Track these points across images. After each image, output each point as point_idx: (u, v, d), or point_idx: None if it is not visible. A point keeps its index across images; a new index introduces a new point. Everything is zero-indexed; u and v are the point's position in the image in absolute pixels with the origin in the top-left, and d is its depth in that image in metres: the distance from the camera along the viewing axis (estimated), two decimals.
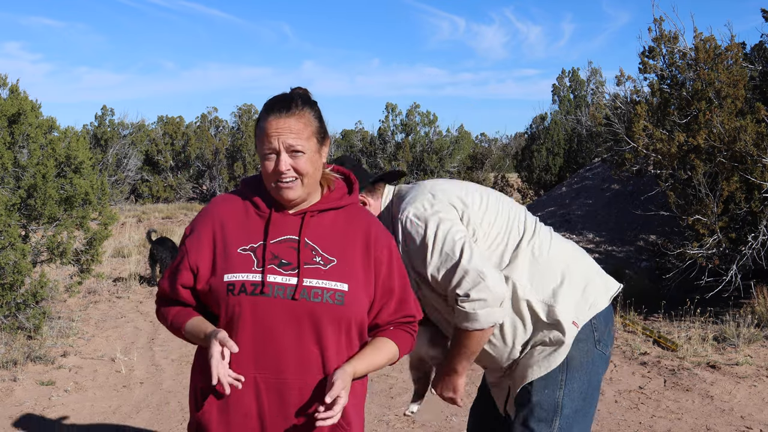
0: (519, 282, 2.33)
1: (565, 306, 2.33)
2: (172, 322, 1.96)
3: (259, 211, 1.96)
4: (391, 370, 5.57)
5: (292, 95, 1.95)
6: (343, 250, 1.94)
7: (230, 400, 1.87)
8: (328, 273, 1.89)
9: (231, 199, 2.02)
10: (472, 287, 2.18)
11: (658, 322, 6.89)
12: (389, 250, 2.00)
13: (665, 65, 7.76)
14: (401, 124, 20.01)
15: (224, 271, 1.88)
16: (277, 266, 1.88)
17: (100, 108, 19.81)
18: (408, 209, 2.30)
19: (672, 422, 4.54)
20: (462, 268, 2.20)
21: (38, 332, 6.16)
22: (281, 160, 1.87)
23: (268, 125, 1.88)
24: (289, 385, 1.86)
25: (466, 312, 2.20)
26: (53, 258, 6.31)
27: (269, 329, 1.85)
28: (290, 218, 1.95)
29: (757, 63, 7.87)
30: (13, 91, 6.58)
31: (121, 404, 4.89)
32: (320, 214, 1.97)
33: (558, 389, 2.36)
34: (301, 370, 1.86)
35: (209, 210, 2.00)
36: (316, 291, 1.86)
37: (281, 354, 1.86)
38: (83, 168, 6.55)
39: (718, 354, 5.85)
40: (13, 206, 5.87)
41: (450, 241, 2.23)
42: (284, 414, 1.87)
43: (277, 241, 1.92)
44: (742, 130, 6.44)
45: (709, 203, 6.68)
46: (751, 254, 6.77)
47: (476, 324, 2.22)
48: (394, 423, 4.57)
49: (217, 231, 1.94)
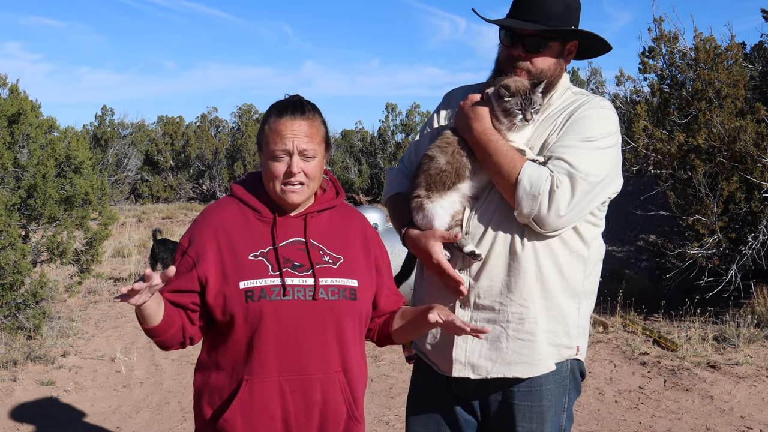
0: (598, 248, 2.20)
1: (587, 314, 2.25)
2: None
3: (261, 215, 1.98)
4: (391, 370, 5.58)
5: (302, 100, 1.98)
6: (345, 248, 2.01)
7: (255, 405, 1.88)
8: (339, 271, 1.96)
9: (226, 205, 2.02)
10: (575, 185, 2.00)
11: (658, 322, 6.89)
12: (381, 247, 2.13)
13: (665, 65, 7.76)
14: (401, 124, 20.01)
15: (238, 278, 1.89)
16: (291, 269, 1.91)
17: (100, 108, 19.83)
18: (608, 104, 2.20)
19: (672, 422, 4.54)
20: (591, 169, 2.02)
21: (38, 332, 6.16)
22: (294, 162, 1.90)
23: (282, 126, 1.90)
24: (312, 383, 1.90)
25: (548, 178, 1.99)
26: (53, 258, 6.31)
27: (292, 331, 1.88)
28: (292, 221, 1.99)
29: (757, 63, 7.87)
30: (13, 91, 6.58)
31: (121, 404, 4.89)
32: (318, 214, 2.02)
33: (561, 413, 2.22)
34: (322, 366, 1.91)
35: (206, 219, 1.99)
36: (333, 289, 1.93)
37: (304, 354, 1.89)
38: (83, 168, 6.55)
39: (718, 354, 5.85)
40: (13, 206, 5.87)
41: (611, 151, 2.11)
42: (308, 412, 1.91)
43: (285, 244, 1.95)
44: (742, 130, 6.44)
45: (709, 203, 6.67)
46: (751, 254, 6.77)
47: (542, 196, 1.98)
48: (394, 423, 4.57)
49: (220, 239, 1.93)
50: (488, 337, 2.12)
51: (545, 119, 2.17)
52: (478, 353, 2.14)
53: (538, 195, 1.98)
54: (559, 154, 2.03)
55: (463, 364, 2.16)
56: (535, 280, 2.09)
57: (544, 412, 2.16)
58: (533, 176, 1.99)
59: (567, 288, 2.14)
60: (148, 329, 1.88)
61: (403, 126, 19.96)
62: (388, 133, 20.12)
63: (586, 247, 2.15)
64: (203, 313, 1.94)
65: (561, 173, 2.00)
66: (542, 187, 1.98)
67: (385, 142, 20.02)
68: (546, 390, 2.16)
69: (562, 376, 2.19)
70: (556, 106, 2.19)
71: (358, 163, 19.88)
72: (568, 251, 2.12)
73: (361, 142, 21.10)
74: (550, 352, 2.15)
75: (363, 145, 20.80)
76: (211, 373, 1.96)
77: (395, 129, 20.12)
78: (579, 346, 2.21)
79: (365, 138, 21.20)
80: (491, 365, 2.13)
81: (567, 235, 2.10)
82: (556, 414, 2.19)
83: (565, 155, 2.02)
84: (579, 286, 2.17)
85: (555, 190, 1.98)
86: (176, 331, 1.92)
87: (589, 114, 2.12)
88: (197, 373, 2.02)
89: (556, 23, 2.12)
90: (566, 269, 2.13)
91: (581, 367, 2.27)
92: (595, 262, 2.22)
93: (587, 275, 2.18)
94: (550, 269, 2.10)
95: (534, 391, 2.16)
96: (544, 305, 2.12)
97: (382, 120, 20.28)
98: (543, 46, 2.13)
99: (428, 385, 2.30)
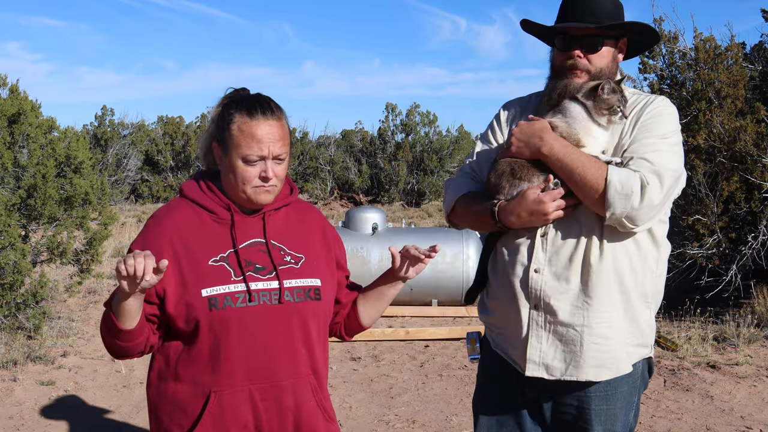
0: (665, 244, 2.23)
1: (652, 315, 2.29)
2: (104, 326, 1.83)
3: (217, 217, 1.88)
4: (391, 370, 5.58)
5: (268, 99, 1.89)
6: (305, 246, 1.95)
7: (226, 416, 1.81)
8: (301, 271, 1.90)
9: (177, 208, 1.91)
10: (662, 180, 2.02)
11: (658, 322, 6.89)
12: (340, 243, 2.10)
13: (665, 65, 7.76)
14: (401, 124, 19.99)
15: (200, 285, 1.80)
16: (254, 272, 1.84)
17: (100, 108, 19.82)
18: (669, 101, 2.27)
19: (672, 422, 4.54)
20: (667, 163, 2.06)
21: (38, 332, 6.16)
22: (269, 167, 1.83)
23: (256, 129, 1.81)
24: (283, 389, 1.85)
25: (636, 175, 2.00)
26: (53, 258, 6.30)
27: (260, 337, 1.82)
28: (250, 221, 1.90)
29: (757, 63, 7.87)
30: (13, 91, 6.58)
31: (121, 404, 4.89)
32: (275, 212, 1.94)
33: (631, 411, 2.24)
34: (292, 371, 1.86)
35: (159, 224, 1.88)
36: (298, 291, 1.87)
37: (273, 359, 1.83)
38: (83, 168, 6.55)
39: (718, 354, 5.85)
40: (13, 206, 5.87)
41: (680, 147, 2.17)
42: (281, 418, 1.86)
43: (244, 246, 1.87)
44: (742, 130, 6.44)
45: (709, 203, 6.67)
46: (751, 254, 6.77)
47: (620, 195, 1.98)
48: (394, 423, 4.57)
49: (176, 245, 1.83)
50: (563, 339, 2.13)
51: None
52: (552, 355, 2.14)
53: (630, 194, 1.98)
54: (641, 154, 2.06)
55: (537, 364, 2.15)
56: (613, 283, 2.11)
57: (618, 413, 2.17)
58: (622, 177, 2.00)
59: (641, 288, 2.16)
60: (121, 332, 1.76)
61: (403, 126, 19.94)
62: (388, 133, 20.11)
63: (657, 245, 2.18)
64: (161, 324, 1.86)
65: (647, 171, 2.01)
66: (633, 186, 1.98)
67: (385, 142, 20.01)
68: (620, 392, 2.17)
69: (635, 377, 2.20)
70: None
71: (358, 163, 19.87)
72: (641, 251, 2.14)
73: (361, 142, 21.08)
74: (627, 353, 2.15)
75: (363, 145, 20.78)
76: (168, 386, 1.86)
77: (395, 129, 20.10)
78: (652, 345, 2.25)
79: (365, 138, 21.18)
80: (564, 367, 2.13)
81: (640, 236, 2.13)
82: (627, 414, 2.20)
83: (648, 155, 2.05)
84: (650, 286, 2.19)
85: (646, 186, 1.99)
86: (144, 338, 1.82)
87: (659, 112, 2.16)
88: (150, 387, 1.90)
89: (608, 21, 2.17)
90: (639, 269, 2.15)
91: (650, 363, 2.29)
92: (664, 261, 2.25)
93: (657, 274, 2.21)
94: (627, 271, 2.12)
95: (610, 394, 2.16)
96: (622, 308, 2.13)
97: (382, 120, 20.28)
98: (600, 44, 2.17)
99: (496, 386, 2.30)
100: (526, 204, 2.09)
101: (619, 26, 2.18)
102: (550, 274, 2.12)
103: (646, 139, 2.10)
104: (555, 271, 2.12)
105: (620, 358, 2.14)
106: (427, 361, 5.83)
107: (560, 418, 2.21)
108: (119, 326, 1.76)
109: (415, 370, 5.62)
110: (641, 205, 1.99)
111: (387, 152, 19.65)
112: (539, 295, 2.13)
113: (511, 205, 2.13)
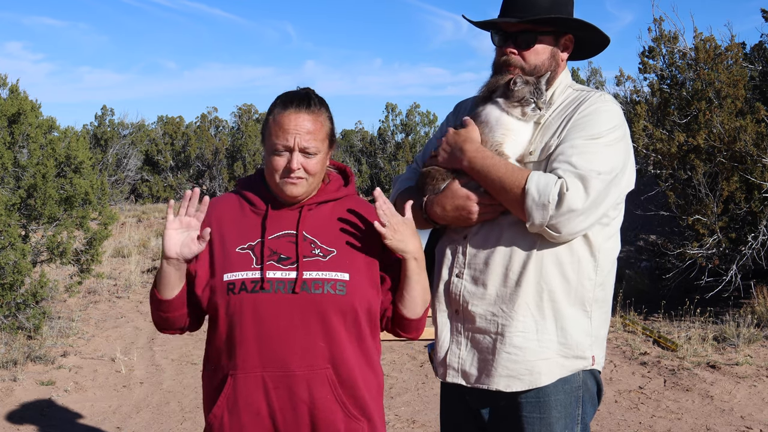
0: (609, 253, 2.11)
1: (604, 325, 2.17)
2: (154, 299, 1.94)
3: (255, 208, 1.95)
4: (391, 370, 5.58)
5: (309, 93, 1.92)
6: (341, 241, 1.94)
7: (239, 400, 1.85)
8: (327, 264, 1.89)
9: (227, 199, 2.02)
10: (587, 185, 1.92)
11: (658, 322, 6.89)
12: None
13: (665, 65, 7.76)
14: (401, 124, 20.01)
15: (223, 270, 1.87)
16: (276, 262, 1.87)
17: (101, 108, 19.84)
18: (609, 98, 2.13)
19: (672, 422, 4.54)
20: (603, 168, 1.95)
21: (38, 332, 6.16)
22: (294, 158, 1.85)
23: (286, 120, 1.85)
24: (296, 379, 1.85)
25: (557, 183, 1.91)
26: (53, 258, 6.31)
27: (273, 325, 1.84)
28: (287, 213, 1.94)
29: (757, 63, 7.87)
30: (13, 91, 6.58)
31: (121, 404, 4.89)
32: (318, 206, 1.96)
33: (575, 425, 2.12)
34: (307, 363, 1.86)
35: (207, 211, 1.95)
36: (317, 283, 1.86)
37: (286, 348, 1.84)
38: (83, 168, 6.55)
39: (718, 354, 5.85)
40: (13, 206, 5.87)
41: (619, 146, 2.04)
42: (295, 408, 1.86)
43: (275, 237, 1.91)
44: (742, 130, 6.44)
45: (709, 203, 6.67)
46: (751, 254, 6.77)
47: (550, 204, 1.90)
48: (394, 423, 4.57)
49: (213, 232, 1.91)
50: (479, 346, 2.09)
51: (545, 121, 2.11)
52: (470, 362, 2.11)
53: (547, 203, 1.90)
54: (567, 157, 1.95)
55: (456, 370, 2.14)
56: (535, 292, 2.02)
57: (553, 423, 2.09)
58: (540, 184, 1.91)
59: (577, 297, 2.06)
60: (161, 302, 1.88)
61: (403, 126, 19.96)
62: (388, 133, 20.13)
63: (595, 251, 2.06)
64: (191, 303, 1.94)
65: (571, 176, 1.92)
66: (551, 194, 1.89)
67: (385, 142, 20.02)
68: (555, 401, 2.08)
69: (573, 387, 2.09)
70: (556, 105, 2.14)
71: (357, 163, 19.88)
72: (575, 258, 2.04)
73: (361, 142, 21.10)
74: (551, 365, 2.05)
75: (363, 145, 20.80)
76: (206, 367, 1.97)
77: (395, 129, 20.12)
78: (594, 357, 2.11)
79: (365, 138, 21.20)
80: (478, 375, 2.10)
81: (575, 242, 2.02)
82: (568, 426, 2.12)
83: (573, 157, 1.94)
84: (589, 294, 2.07)
85: (565, 193, 1.89)
86: (183, 312, 1.93)
87: (593, 110, 2.05)
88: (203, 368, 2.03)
89: (543, 16, 2.09)
90: (574, 278, 2.04)
91: (597, 378, 2.16)
92: (608, 267, 2.12)
93: (599, 282, 2.09)
94: (556, 279, 2.02)
95: (542, 401, 2.08)
96: (551, 317, 2.04)
97: (382, 120, 20.30)
98: (533, 41, 2.10)
99: (447, 395, 2.30)
100: (453, 197, 2.07)
101: (547, 21, 2.08)
102: (469, 278, 2.08)
103: (574, 140, 1.99)
104: (473, 275, 2.08)
105: (536, 370, 2.04)
106: (427, 361, 5.83)
107: (498, 424, 2.16)
108: (159, 296, 1.89)
109: (415, 370, 5.63)
110: (558, 212, 1.90)
111: (387, 152, 19.65)
112: (459, 299, 2.10)
113: (438, 197, 2.11)
